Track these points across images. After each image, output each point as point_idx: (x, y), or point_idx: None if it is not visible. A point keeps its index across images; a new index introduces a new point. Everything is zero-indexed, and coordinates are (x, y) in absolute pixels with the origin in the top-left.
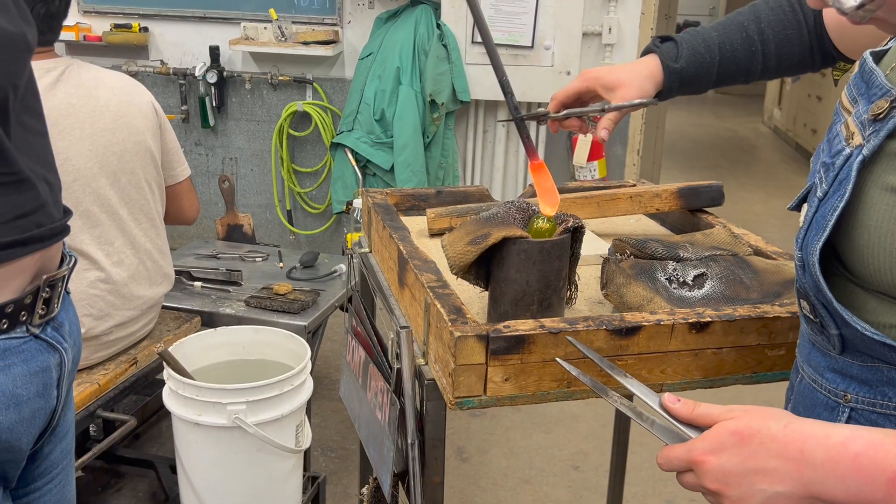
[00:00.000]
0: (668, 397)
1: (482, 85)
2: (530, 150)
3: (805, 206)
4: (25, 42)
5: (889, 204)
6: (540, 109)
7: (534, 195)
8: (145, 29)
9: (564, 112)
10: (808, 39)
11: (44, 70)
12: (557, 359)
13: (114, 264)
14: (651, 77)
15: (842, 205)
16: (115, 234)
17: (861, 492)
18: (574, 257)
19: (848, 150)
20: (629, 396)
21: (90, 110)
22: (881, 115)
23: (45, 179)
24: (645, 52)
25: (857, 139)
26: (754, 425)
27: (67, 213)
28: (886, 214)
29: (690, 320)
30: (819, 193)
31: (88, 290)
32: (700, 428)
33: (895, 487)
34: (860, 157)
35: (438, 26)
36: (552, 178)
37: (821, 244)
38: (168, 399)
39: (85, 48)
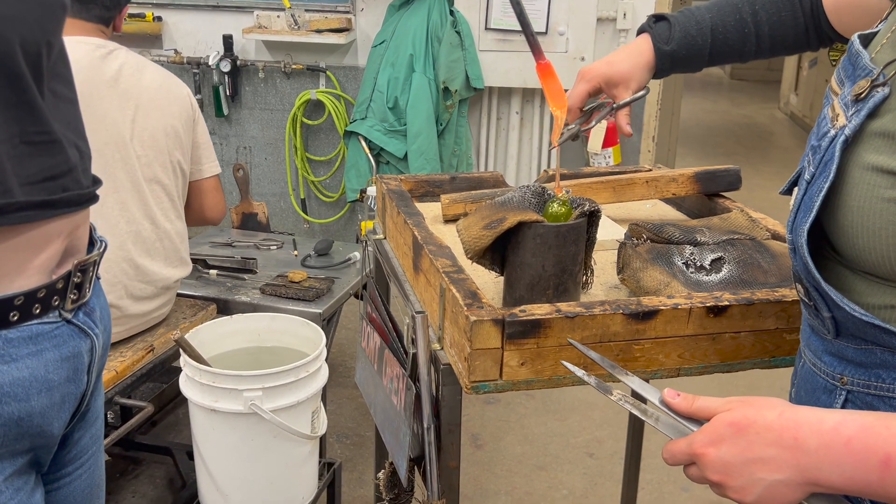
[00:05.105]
0: (668, 393)
1: (496, 72)
2: (536, 49)
3: (796, 189)
4: (61, 1)
5: (871, 184)
6: (570, 128)
7: (549, 181)
8: (159, 18)
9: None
10: (802, 21)
11: (97, 45)
12: (564, 362)
13: (131, 233)
14: (647, 65)
15: (826, 186)
16: (136, 204)
17: (856, 475)
18: (590, 242)
19: (833, 132)
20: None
21: (132, 86)
22: (862, 95)
23: (75, 145)
24: (640, 31)
25: (842, 120)
26: (750, 415)
27: (97, 182)
28: (868, 194)
29: (708, 304)
30: (807, 176)
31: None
32: (700, 421)
33: (888, 469)
34: (843, 138)
35: (452, 13)
36: (559, 80)
37: (808, 226)
38: (185, 386)
39: None
